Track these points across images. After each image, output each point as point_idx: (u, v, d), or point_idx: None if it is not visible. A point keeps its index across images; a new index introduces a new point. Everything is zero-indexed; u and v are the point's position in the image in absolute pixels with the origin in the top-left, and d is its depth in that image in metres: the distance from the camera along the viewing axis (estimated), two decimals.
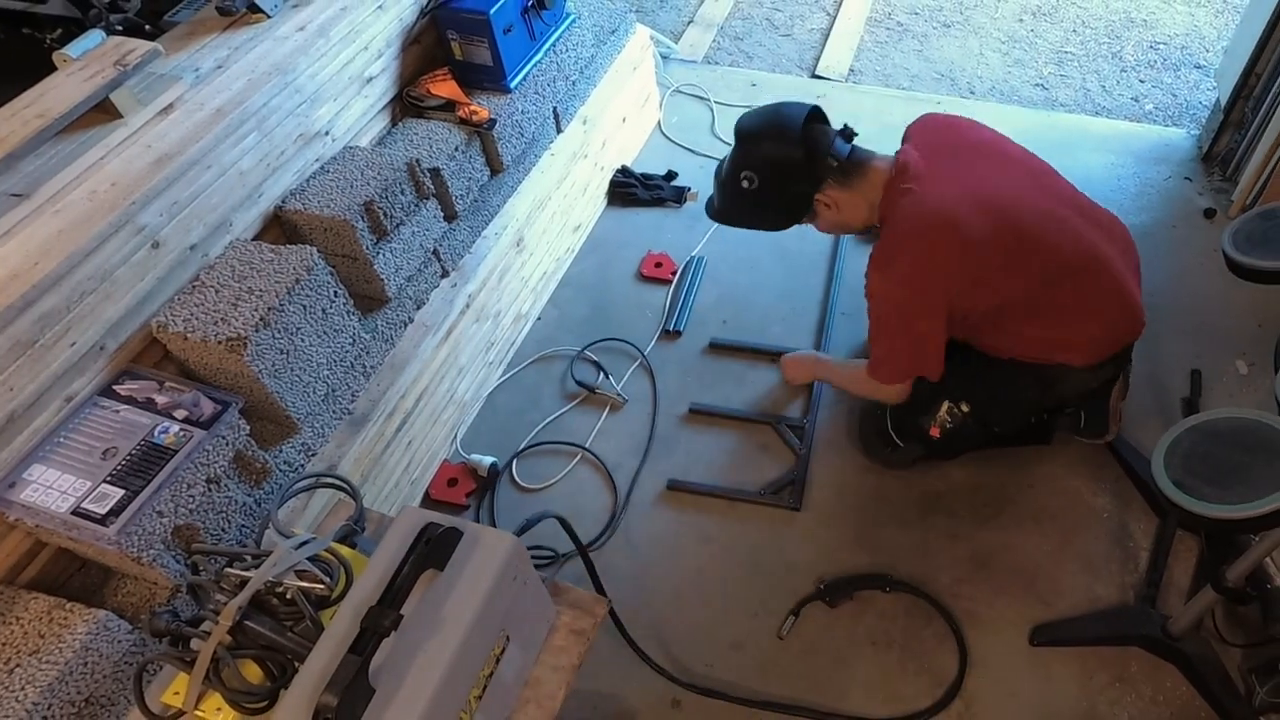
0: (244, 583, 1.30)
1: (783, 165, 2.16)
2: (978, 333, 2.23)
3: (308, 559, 1.36)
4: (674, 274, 3.07)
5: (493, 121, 2.60)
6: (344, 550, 1.44)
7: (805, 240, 2.86)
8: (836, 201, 2.19)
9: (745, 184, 2.20)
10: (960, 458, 2.52)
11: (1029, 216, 2.06)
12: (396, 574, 1.29)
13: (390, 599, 1.26)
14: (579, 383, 2.80)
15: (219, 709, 1.31)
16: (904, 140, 2.23)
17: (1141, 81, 3.84)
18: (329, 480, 1.65)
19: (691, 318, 2.98)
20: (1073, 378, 2.22)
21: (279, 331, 1.94)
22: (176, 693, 1.34)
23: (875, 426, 2.51)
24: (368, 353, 2.27)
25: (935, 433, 2.35)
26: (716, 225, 2.95)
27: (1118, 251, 2.17)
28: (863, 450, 2.62)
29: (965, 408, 2.32)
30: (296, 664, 1.27)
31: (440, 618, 1.29)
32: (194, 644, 1.29)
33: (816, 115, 2.20)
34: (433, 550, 1.33)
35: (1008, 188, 2.11)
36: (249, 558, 1.40)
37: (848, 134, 2.18)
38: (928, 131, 2.24)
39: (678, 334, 2.93)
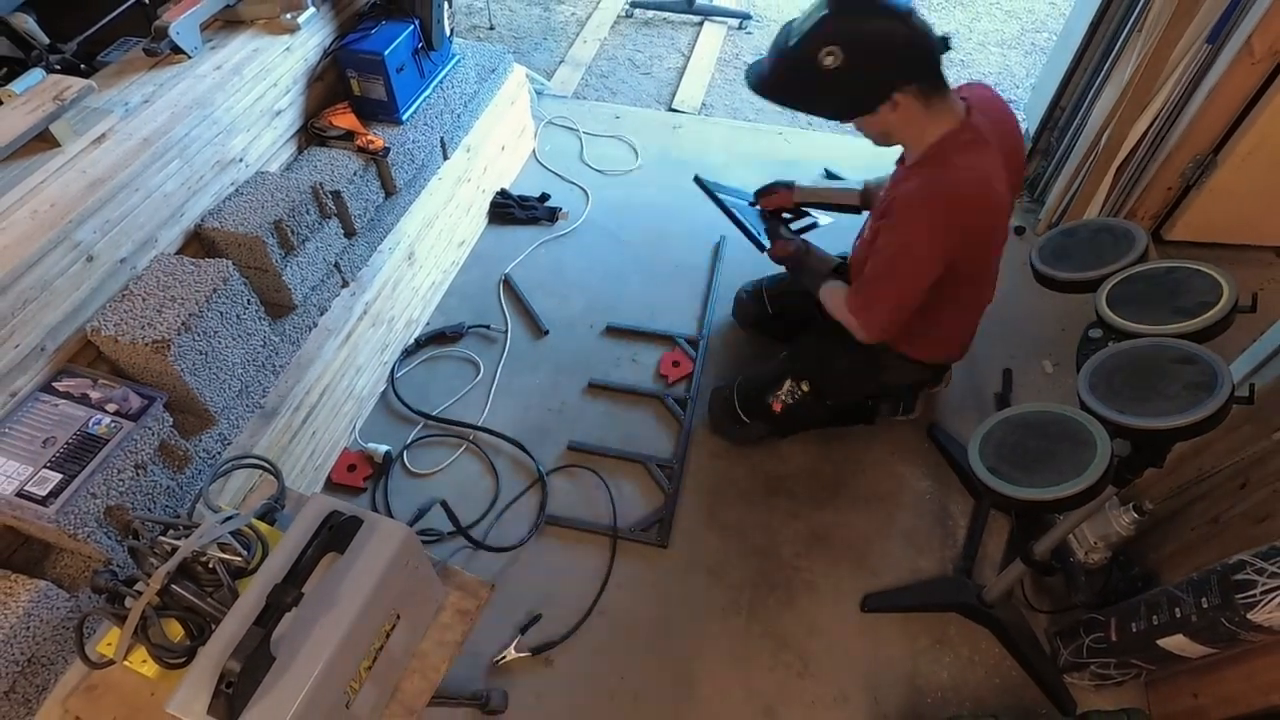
0: (175, 550, 1.33)
1: (885, 46, 1.75)
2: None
3: (230, 533, 1.38)
4: (690, 374, 2.85)
5: (387, 149, 2.65)
6: (263, 526, 1.46)
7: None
8: (908, 107, 1.81)
9: (828, 60, 1.73)
10: (799, 444, 2.60)
11: (1005, 215, 1.97)
12: (301, 555, 1.32)
13: (294, 578, 1.29)
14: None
15: (144, 661, 1.35)
16: (965, 100, 1.90)
17: None
18: (254, 461, 1.64)
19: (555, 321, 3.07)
20: (904, 369, 2.25)
21: (199, 335, 1.97)
22: (109, 644, 1.37)
23: (724, 407, 2.52)
24: (277, 353, 2.30)
25: (777, 407, 2.38)
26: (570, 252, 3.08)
27: None
28: (711, 428, 2.65)
29: (805, 386, 2.35)
30: (214, 626, 1.29)
31: (337, 596, 1.30)
32: (128, 602, 1.32)
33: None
34: (335, 536, 1.35)
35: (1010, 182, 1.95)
36: (181, 527, 1.42)
37: (947, 44, 1.77)
38: (985, 104, 1.93)
39: (546, 333, 3.02)
